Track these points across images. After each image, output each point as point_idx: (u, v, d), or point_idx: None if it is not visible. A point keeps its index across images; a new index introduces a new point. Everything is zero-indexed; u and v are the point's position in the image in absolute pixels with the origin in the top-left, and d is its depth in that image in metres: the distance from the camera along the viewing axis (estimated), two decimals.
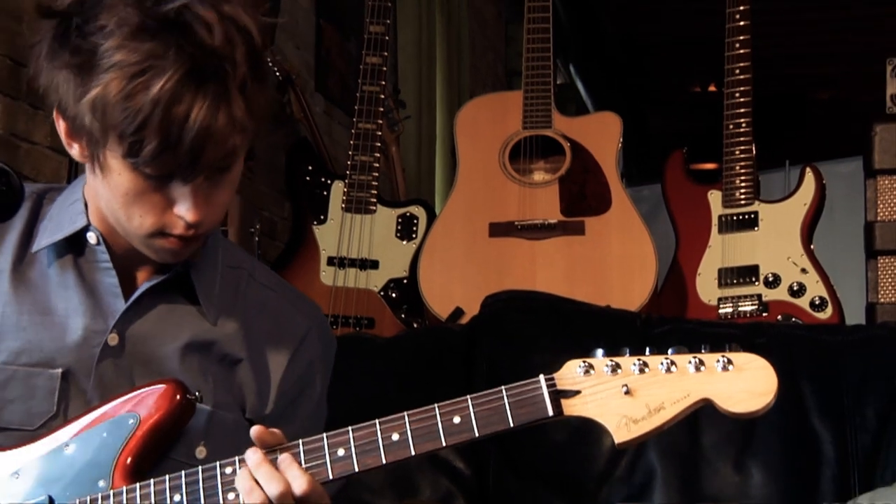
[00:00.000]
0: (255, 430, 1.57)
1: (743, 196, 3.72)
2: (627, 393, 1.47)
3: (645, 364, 1.48)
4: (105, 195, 1.65)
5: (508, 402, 1.51)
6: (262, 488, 1.52)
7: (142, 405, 1.62)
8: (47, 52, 1.58)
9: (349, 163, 4.02)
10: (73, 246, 1.75)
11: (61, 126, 1.64)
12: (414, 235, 4.00)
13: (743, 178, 3.72)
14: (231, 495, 1.55)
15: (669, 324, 2.70)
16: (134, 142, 1.52)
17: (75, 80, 1.55)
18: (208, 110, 1.51)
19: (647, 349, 1.50)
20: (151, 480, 1.58)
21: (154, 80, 1.49)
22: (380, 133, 4.04)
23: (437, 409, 1.53)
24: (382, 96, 4.06)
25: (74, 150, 1.65)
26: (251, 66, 1.56)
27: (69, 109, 1.58)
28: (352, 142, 4.02)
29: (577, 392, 1.49)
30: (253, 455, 1.55)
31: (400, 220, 4.04)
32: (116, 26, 1.51)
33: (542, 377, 1.50)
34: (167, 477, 1.58)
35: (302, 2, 5.21)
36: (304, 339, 1.84)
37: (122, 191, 1.60)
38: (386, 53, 4.08)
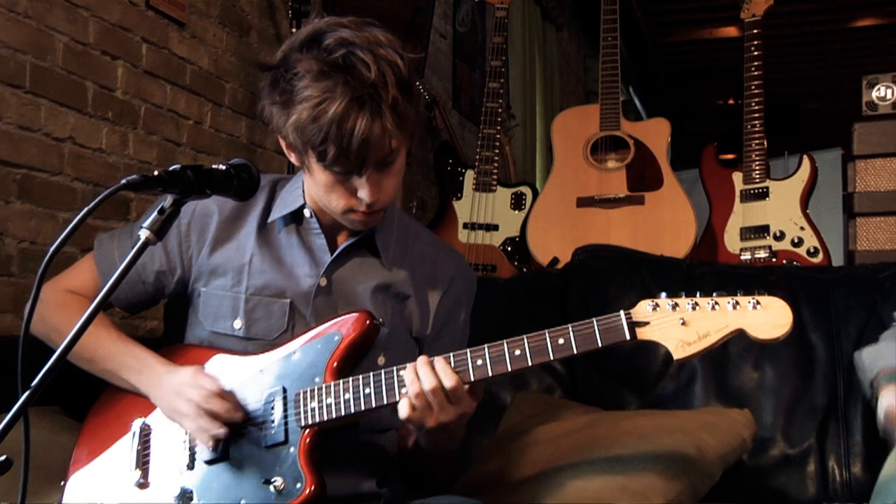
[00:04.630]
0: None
1: (757, 176, 3.65)
2: (683, 324, 1.46)
3: (696, 303, 1.47)
4: (312, 187, 1.68)
5: (598, 329, 1.49)
6: (419, 381, 1.53)
7: (344, 326, 1.64)
8: (266, 94, 1.63)
9: (477, 157, 4.04)
10: (295, 218, 1.78)
11: (282, 142, 1.68)
12: (523, 207, 3.99)
13: (757, 163, 3.65)
14: (403, 389, 1.56)
15: (705, 267, 2.64)
16: (321, 151, 1.55)
17: (281, 111, 1.58)
18: (367, 123, 1.52)
19: (698, 292, 1.48)
20: (350, 378, 1.59)
21: (329, 106, 1.52)
22: (498, 136, 4.04)
23: (546, 334, 1.52)
24: (500, 110, 4.06)
25: (293, 158, 1.68)
26: (400, 90, 1.56)
27: (282, 132, 1.61)
28: (479, 142, 4.03)
29: (647, 323, 1.47)
30: (419, 359, 1.56)
31: (513, 196, 4.03)
32: (304, 72, 1.54)
33: (622, 312, 1.48)
34: (360, 376, 1.59)
35: (442, 47, 5.22)
36: (453, 279, 1.84)
37: (321, 184, 1.63)
38: (502, 80, 4.08)
